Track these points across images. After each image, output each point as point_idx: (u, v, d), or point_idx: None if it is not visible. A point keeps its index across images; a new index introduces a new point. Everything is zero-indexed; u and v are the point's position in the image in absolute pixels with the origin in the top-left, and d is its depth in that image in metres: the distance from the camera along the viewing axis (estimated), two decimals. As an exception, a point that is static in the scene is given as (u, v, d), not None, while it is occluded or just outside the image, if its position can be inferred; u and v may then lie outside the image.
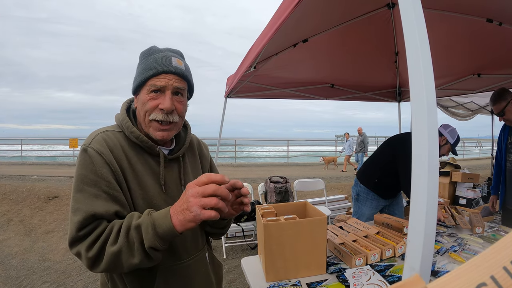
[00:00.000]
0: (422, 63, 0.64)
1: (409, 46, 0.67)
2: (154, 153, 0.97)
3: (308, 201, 1.78)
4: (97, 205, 0.82)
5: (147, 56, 0.96)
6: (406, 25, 0.68)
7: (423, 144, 0.58)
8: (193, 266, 1.02)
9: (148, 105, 0.92)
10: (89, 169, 0.84)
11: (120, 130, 0.96)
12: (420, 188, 0.56)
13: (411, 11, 0.67)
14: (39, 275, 3.21)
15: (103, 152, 0.87)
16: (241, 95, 3.62)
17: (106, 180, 0.85)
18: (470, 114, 6.28)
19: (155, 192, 0.94)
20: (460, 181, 4.94)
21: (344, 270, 1.48)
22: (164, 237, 0.78)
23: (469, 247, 1.77)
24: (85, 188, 0.83)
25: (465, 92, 3.91)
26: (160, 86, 0.92)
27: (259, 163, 14.17)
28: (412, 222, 0.59)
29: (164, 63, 0.91)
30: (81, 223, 0.79)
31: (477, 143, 24.79)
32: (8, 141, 18.68)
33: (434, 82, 0.64)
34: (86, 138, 0.92)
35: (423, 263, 0.55)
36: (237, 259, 3.55)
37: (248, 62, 2.00)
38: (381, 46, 2.92)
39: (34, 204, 5.63)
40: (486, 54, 2.73)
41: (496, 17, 2.04)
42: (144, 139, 0.94)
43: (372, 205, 2.60)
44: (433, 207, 0.56)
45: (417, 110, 0.63)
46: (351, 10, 2.16)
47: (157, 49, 0.98)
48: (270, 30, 1.53)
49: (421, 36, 0.65)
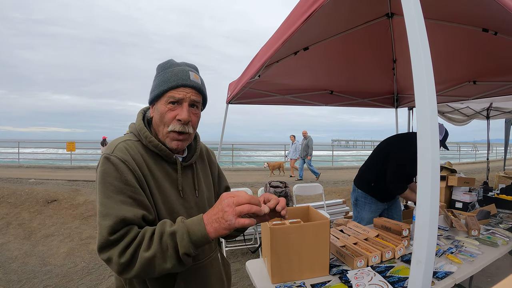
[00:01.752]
0: (425, 70, 0.70)
1: (413, 55, 0.73)
2: (171, 161, 1.02)
3: (310, 205, 1.83)
4: (126, 210, 0.86)
5: (164, 69, 1.01)
6: (410, 36, 0.75)
7: (427, 146, 0.65)
8: (209, 266, 1.07)
9: (167, 116, 0.98)
10: (114, 176, 0.88)
11: (137, 139, 1.01)
12: (424, 191, 0.63)
13: (415, 23, 0.74)
14: (40, 279, 3.22)
15: (126, 160, 0.91)
16: (242, 101, 3.68)
17: (132, 186, 0.89)
18: (466, 119, 6.38)
19: (173, 197, 1.00)
20: (456, 185, 4.99)
21: (346, 271, 1.53)
22: (198, 243, 0.84)
23: (465, 248, 1.83)
24: (112, 195, 0.87)
25: (461, 99, 4.00)
26: (178, 98, 0.97)
27: (257, 167, 14.21)
28: (418, 221, 0.65)
29: (182, 77, 0.98)
30: (112, 227, 0.83)
31: (473, 147, 25.03)
32: (5, 144, 18.58)
33: (434, 88, 0.71)
34: (106, 147, 0.96)
35: (428, 256, 0.62)
36: (238, 262, 3.59)
37: (253, 70, 2.06)
38: (379, 53, 2.99)
39: (33, 207, 5.62)
40: (482, 62, 2.81)
41: (492, 27, 2.11)
42: (162, 147, 0.99)
43: (371, 209, 2.65)
44: (435, 207, 0.62)
45: (421, 117, 0.69)
46: (352, 20, 2.23)
47: (175, 62, 1.03)
48: (278, 41, 1.58)
49: (424, 46, 0.72)
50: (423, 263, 0.63)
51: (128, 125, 1.07)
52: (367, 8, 2.15)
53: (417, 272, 0.65)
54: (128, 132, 1.07)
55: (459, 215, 2.42)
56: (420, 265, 0.63)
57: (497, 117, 6.53)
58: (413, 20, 0.74)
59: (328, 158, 16.50)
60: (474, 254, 1.76)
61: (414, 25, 0.74)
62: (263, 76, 2.85)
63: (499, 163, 12.75)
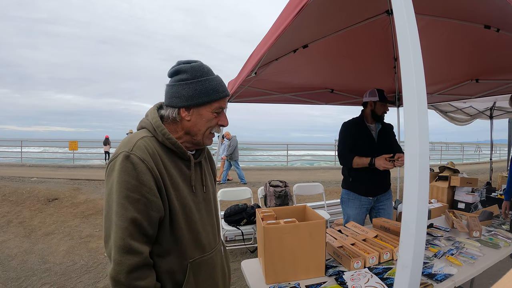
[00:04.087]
0: (414, 69, 0.67)
1: (402, 53, 0.70)
2: (184, 158, 1.07)
3: (307, 205, 1.80)
4: (139, 211, 0.91)
5: (204, 75, 1.05)
6: (399, 33, 0.71)
7: (415, 149, 0.61)
8: (214, 258, 1.13)
9: (213, 122, 1.08)
10: (131, 175, 0.91)
11: (152, 135, 1.03)
12: (411, 192, 0.60)
13: (405, 20, 0.70)
14: (39, 277, 3.21)
15: (145, 159, 0.94)
16: (241, 100, 3.65)
17: (148, 186, 0.93)
18: (469, 118, 6.32)
19: (186, 193, 1.05)
20: (459, 186, 4.96)
21: (343, 272, 1.50)
22: None
23: (466, 250, 1.79)
24: (129, 194, 0.91)
25: (464, 97, 3.95)
26: (223, 108, 1.09)
27: (259, 167, 14.18)
28: (404, 224, 0.62)
29: (225, 90, 1.07)
30: (128, 229, 0.89)
31: (477, 147, 24.86)
32: (8, 143, 18.70)
33: (425, 87, 0.67)
34: (124, 143, 0.98)
35: (415, 261, 0.58)
36: (237, 262, 3.57)
37: (249, 68, 2.04)
38: (380, 51, 2.96)
39: (34, 206, 5.64)
40: (484, 60, 2.77)
41: (494, 24, 2.08)
42: (179, 145, 1.04)
43: (355, 205, 2.59)
44: (424, 210, 0.59)
45: (409, 115, 0.66)
46: (351, 17, 2.20)
47: (208, 68, 1.08)
48: (271, 38, 1.56)
49: (414, 43, 0.68)
50: (409, 268, 0.59)
51: (131, 125, 1.09)
52: (366, 5, 2.11)
53: (403, 278, 0.61)
54: (131, 131, 1.08)
55: (461, 216, 2.38)
56: (406, 270, 0.59)
57: (501, 117, 6.46)
58: (402, 13, 0.70)
59: (331, 158, 16.44)
60: (475, 256, 1.72)
61: (404, 19, 0.70)
62: (263, 74, 2.83)
63: (502, 163, 12.65)
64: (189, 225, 1.04)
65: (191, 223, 1.04)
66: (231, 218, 3.66)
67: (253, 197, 4.17)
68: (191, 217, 1.05)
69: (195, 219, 1.06)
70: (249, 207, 3.77)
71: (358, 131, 2.59)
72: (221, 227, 3.55)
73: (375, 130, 2.62)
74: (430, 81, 3.40)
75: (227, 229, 3.63)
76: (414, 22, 0.73)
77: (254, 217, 3.62)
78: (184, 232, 1.02)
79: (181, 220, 1.01)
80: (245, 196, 4.07)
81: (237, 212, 3.68)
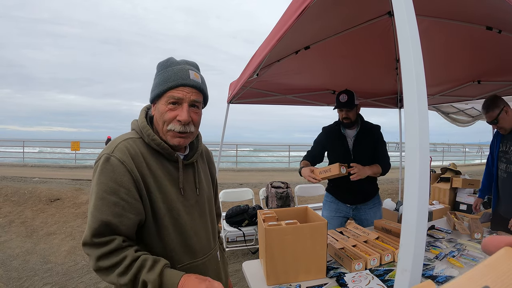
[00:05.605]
0: (414, 70, 0.67)
1: (403, 54, 0.70)
2: (172, 159, 1.03)
3: (309, 206, 1.80)
4: (114, 215, 0.88)
5: (164, 67, 1.01)
6: (400, 34, 0.71)
7: (415, 151, 0.61)
8: (207, 264, 1.09)
9: (166, 115, 0.98)
10: (110, 177, 0.89)
11: (139, 136, 1.01)
12: (412, 193, 0.60)
13: (405, 20, 0.70)
14: (40, 277, 3.22)
15: (125, 161, 0.92)
16: (243, 101, 3.66)
17: (126, 188, 0.91)
18: (471, 120, 6.29)
19: (174, 196, 1.00)
20: (461, 187, 4.94)
21: (344, 274, 1.49)
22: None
23: (467, 252, 1.79)
24: (105, 196, 0.88)
25: (466, 99, 3.94)
26: (178, 98, 0.98)
27: (260, 168, 14.18)
28: (404, 227, 0.62)
29: (182, 76, 0.97)
30: (97, 230, 0.87)
31: (479, 148, 24.76)
32: (10, 143, 18.77)
33: (426, 89, 0.67)
34: (107, 146, 0.97)
35: (414, 264, 0.58)
36: (238, 263, 3.56)
37: (251, 69, 2.04)
38: (382, 52, 2.95)
39: (36, 206, 5.66)
40: (486, 61, 2.76)
41: (496, 25, 2.07)
42: (164, 146, 1.00)
43: (331, 207, 2.54)
44: (424, 212, 0.59)
45: (409, 116, 0.66)
46: (352, 18, 2.20)
47: (175, 61, 1.03)
48: (273, 39, 1.56)
49: (415, 45, 0.68)
50: (409, 271, 0.58)
51: None
52: (368, 7, 2.12)
53: (402, 281, 0.61)
54: (109, 138, 1.07)
55: (462, 218, 2.37)
56: (405, 274, 0.59)
57: (503, 118, 6.42)
58: (403, 14, 0.70)
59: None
60: (476, 258, 1.71)
61: (404, 20, 0.70)
62: (265, 76, 2.83)
63: (505, 165, 12.55)
64: (177, 229, 1.00)
65: (179, 227, 1.01)
66: (233, 219, 3.67)
67: (254, 198, 4.17)
68: (179, 220, 1.01)
69: (183, 223, 1.01)
70: (250, 208, 3.77)
71: (331, 139, 2.52)
72: (222, 229, 3.55)
73: (351, 137, 2.46)
74: (432, 83, 3.40)
75: (229, 230, 3.63)
76: (415, 23, 0.73)
77: (256, 218, 3.63)
78: (171, 236, 0.99)
79: (167, 224, 0.98)
80: (247, 197, 4.08)
81: (239, 213, 3.69)
